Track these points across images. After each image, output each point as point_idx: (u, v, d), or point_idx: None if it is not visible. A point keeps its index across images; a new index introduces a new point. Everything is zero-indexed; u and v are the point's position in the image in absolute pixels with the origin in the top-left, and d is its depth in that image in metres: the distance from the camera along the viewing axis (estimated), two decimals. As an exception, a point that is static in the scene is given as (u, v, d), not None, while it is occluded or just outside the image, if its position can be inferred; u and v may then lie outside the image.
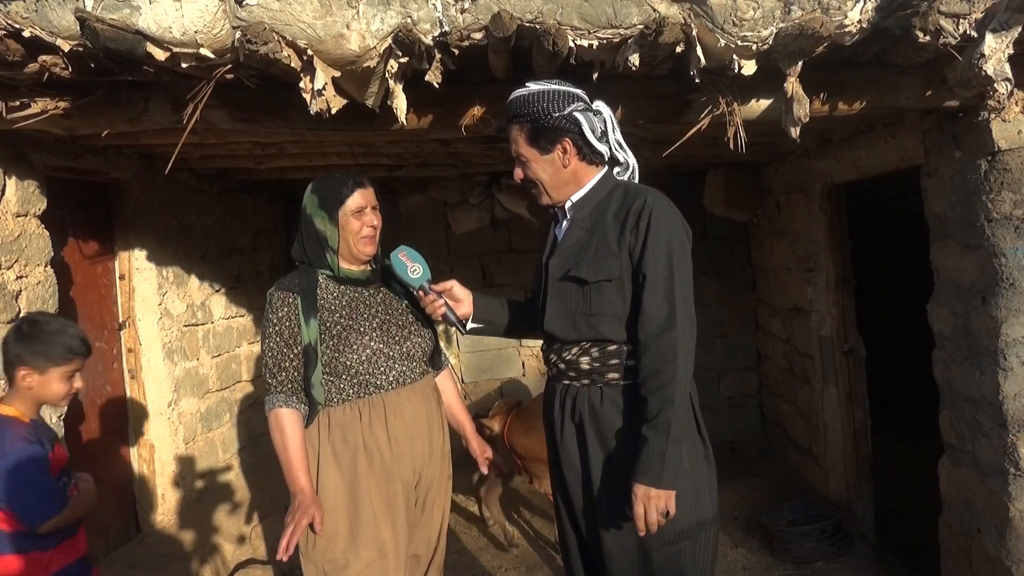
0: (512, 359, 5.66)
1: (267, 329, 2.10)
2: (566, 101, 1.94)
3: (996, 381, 2.58)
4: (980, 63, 2.16)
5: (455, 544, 4.09)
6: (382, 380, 2.12)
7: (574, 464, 1.99)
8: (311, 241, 2.16)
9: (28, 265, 2.93)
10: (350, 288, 2.17)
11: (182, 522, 3.99)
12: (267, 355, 2.10)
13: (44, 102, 2.41)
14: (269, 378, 2.10)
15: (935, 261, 2.95)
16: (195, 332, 4.36)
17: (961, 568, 2.92)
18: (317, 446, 2.07)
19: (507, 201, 5.03)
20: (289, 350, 2.08)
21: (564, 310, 1.98)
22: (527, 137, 1.97)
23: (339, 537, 2.03)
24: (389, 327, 2.17)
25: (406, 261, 2.13)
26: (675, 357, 1.83)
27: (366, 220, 2.16)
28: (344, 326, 2.10)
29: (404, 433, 2.12)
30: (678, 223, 1.92)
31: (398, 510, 2.09)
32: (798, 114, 2.29)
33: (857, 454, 3.99)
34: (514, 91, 1.99)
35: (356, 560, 2.02)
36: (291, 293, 2.09)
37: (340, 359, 2.08)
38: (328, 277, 2.16)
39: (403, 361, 2.16)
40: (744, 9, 2.01)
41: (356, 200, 2.15)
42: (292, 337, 2.07)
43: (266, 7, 1.93)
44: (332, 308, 2.12)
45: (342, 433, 2.07)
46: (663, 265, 1.86)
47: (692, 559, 1.94)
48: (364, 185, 2.19)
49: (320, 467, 2.06)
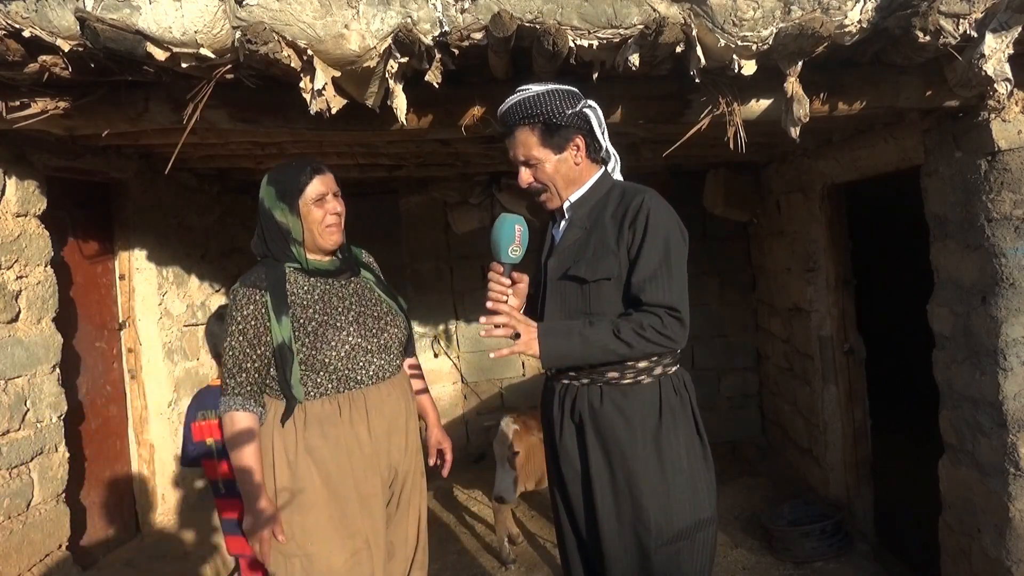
0: (512, 359, 5.66)
1: (230, 327, 2.00)
2: (573, 99, 1.95)
3: (996, 381, 2.58)
4: (980, 63, 2.16)
5: (455, 544, 4.09)
6: (361, 375, 2.06)
7: (573, 463, 1.99)
8: (272, 235, 2.06)
9: (28, 265, 2.93)
10: (320, 280, 2.08)
11: (182, 522, 3.99)
12: (227, 354, 2.01)
13: (44, 102, 2.41)
14: (228, 378, 2.01)
15: (935, 261, 2.95)
16: (195, 332, 4.36)
17: (961, 568, 2.92)
18: (295, 441, 2.00)
19: (507, 201, 5.03)
20: (252, 350, 1.99)
21: (563, 309, 1.98)
22: (540, 137, 1.96)
23: (318, 532, 1.99)
24: (365, 319, 2.10)
25: (515, 236, 1.91)
26: (660, 342, 1.84)
27: (328, 208, 2.05)
28: (320, 322, 2.02)
29: (383, 430, 2.08)
30: (675, 223, 1.93)
31: (377, 503, 2.06)
32: (798, 114, 2.29)
33: (857, 454, 3.99)
34: (511, 97, 1.96)
35: (341, 551, 1.99)
36: (258, 290, 1.99)
37: (318, 356, 2.00)
38: (296, 270, 2.07)
39: (380, 354, 2.10)
40: (744, 9, 2.01)
41: (316, 187, 2.04)
42: (257, 337, 1.99)
43: (266, 7, 1.93)
44: (304, 303, 2.03)
45: (320, 428, 2.01)
46: (659, 253, 1.87)
47: (691, 559, 1.94)
48: (322, 171, 2.08)
49: (297, 462, 2.00)
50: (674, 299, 1.86)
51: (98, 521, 3.59)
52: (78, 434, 3.42)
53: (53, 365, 3.04)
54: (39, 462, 2.95)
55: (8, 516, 2.78)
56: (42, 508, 2.95)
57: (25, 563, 2.84)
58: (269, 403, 2.05)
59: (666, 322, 1.84)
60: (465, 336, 5.62)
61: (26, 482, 2.88)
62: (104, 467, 3.67)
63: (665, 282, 1.86)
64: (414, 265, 5.63)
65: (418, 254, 5.55)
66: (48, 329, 3.03)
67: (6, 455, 2.79)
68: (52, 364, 3.03)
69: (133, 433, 3.91)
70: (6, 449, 2.79)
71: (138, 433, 3.92)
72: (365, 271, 2.23)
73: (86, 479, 3.48)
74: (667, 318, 1.84)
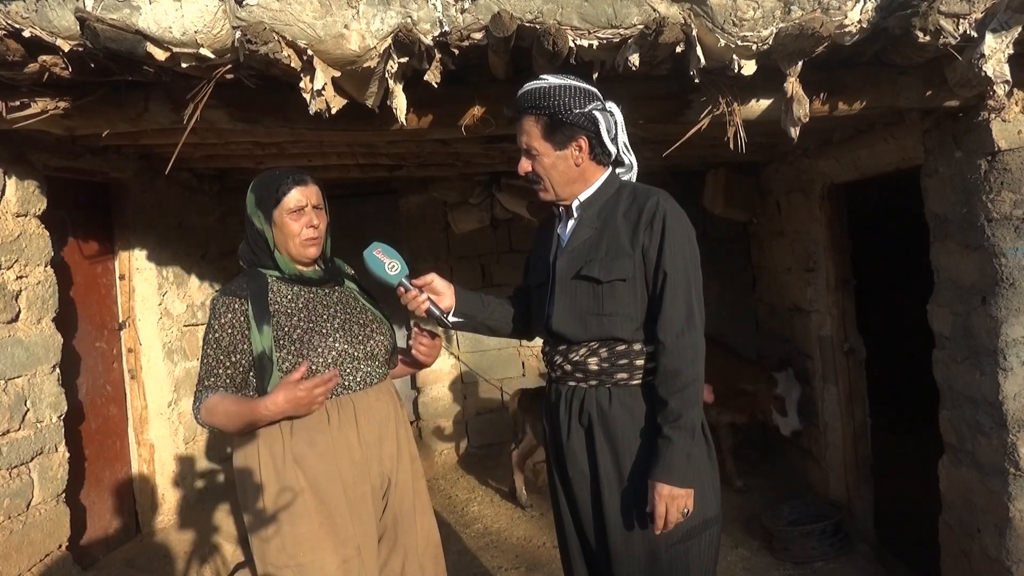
0: (512, 359, 5.66)
1: (206, 335, 1.97)
2: (586, 99, 1.93)
3: (996, 381, 2.58)
4: (980, 63, 2.16)
5: (455, 544, 4.09)
6: (350, 381, 2.03)
7: (581, 465, 1.98)
8: (256, 242, 2.04)
9: (28, 265, 2.93)
10: (304, 289, 2.05)
11: (182, 522, 3.99)
12: (201, 362, 1.99)
13: (44, 102, 2.41)
14: (198, 384, 1.99)
15: (935, 261, 2.95)
16: (195, 332, 4.36)
17: (961, 568, 2.92)
18: (282, 450, 1.96)
19: (507, 201, 5.03)
20: (226, 358, 1.96)
21: (574, 310, 1.96)
22: (543, 130, 1.94)
23: (309, 540, 1.95)
24: (351, 327, 2.06)
25: (382, 258, 2.02)
26: (695, 358, 1.86)
27: (304, 221, 2.00)
28: (305, 329, 1.98)
29: (374, 436, 2.04)
30: (689, 225, 1.94)
31: (366, 509, 2.02)
32: (798, 114, 2.29)
33: (857, 454, 3.99)
34: (529, 82, 1.96)
35: (333, 558, 1.96)
36: (238, 299, 1.96)
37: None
38: (278, 279, 2.04)
39: (367, 361, 2.07)
40: (744, 9, 2.01)
41: (294, 198, 1.99)
42: (233, 346, 1.96)
43: (266, 7, 1.93)
44: (288, 312, 2.00)
45: (308, 435, 1.96)
46: (681, 266, 1.87)
47: (698, 557, 1.94)
48: (304, 182, 2.02)
49: (284, 471, 1.96)
50: (693, 310, 1.88)
51: (98, 521, 3.59)
52: (78, 434, 3.42)
53: (53, 365, 3.04)
54: (39, 462, 2.95)
55: (8, 516, 2.78)
56: (42, 508, 2.95)
57: (25, 563, 2.84)
58: None
59: (685, 356, 1.86)
60: (465, 336, 5.61)
61: (26, 482, 2.88)
62: (104, 467, 3.67)
63: (682, 295, 1.87)
64: (414, 265, 5.63)
65: (418, 254, 5.55)
66: (48, 329, 3.03)
67: (6, 455, 2.79)
68: (52, 364, 3.04)
69: (133, 433, 3.91)
70: (6, 449, 2.79)
71: (138, 433, 3.92)
72: (349, 281, 2.20)
73: (86, 479, 3.49)
74: (682, 346, 1.86)
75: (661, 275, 1.87)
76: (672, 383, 1.85)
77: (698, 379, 1.86)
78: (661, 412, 1.86)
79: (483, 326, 2.23)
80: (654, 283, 1.89)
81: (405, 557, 2.14)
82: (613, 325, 1.92)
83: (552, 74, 1.98)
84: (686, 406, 1.84)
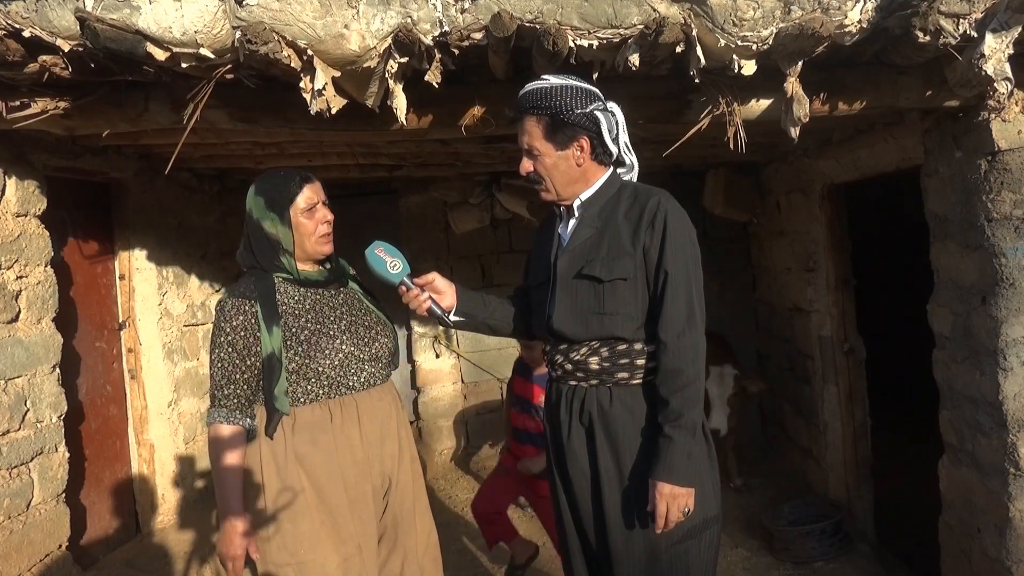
0: (512, 359, 5.63)
1: (217, 339, 1.97)
2: (588, 99, 1.93)
3: (996, 381, 2.58)
4: (980, 63, 2.16)
5: (455, 544, 4.09)
6: (353, 381, 2.04)
7: (582, 466, 1.98)
8: (261, 246, 2.03)
9: (28, 265, 2.94)
10: (311, 291, 2.07)
11: (182, 522, 4.00)
12: (214, 366, 1.97)
13: (44, 102, 2.41)
14: (215, 390, 1.97)
15: (935, 261, 2.95)
16: (195, 332, 4.36)
17: (961, 568, 2.92)
18: (284, 448, 1.97)
19: (507, 201, 5.04)
20: (242, 361, 1.96)
21: (575, 309, 1.96)
22: (544, 131, 1.94)
23: (310, 539, 1.97)
24: (357, 328, 2.08)
25: (384, 257, 2.03)
26: (696, 358, 1.86)
27: (319, 217, 2.04)
28: (312, 331, 2.00)
29: (376, 435, 2.06)
30: (690, 225, 1.94)
31: (367, 507, 2.03)
32: (798, 114, 2.29)
33: (857, 454, 3.99)
34: (531, 82, 1.96)
35: (333, 556, 1.97)
36: (247, 300, 1.97)
37: (311, 365, 1.98)
38: (285, 280, 2.04)
39: (371, 363, 2.09)
40: (744, 9, 2.01)
41: (307, 196, 2.02)
42: (247, 348, 1.96)
43: (266, 7, 1.93)
44: (296, 313, 2.01)
45: (310, 434, 1.98)
46: (682, 266, 1.88)
47: (698, 556, 1.94)
48: (311, 180, 2.06)
49: (286, 469, 1.97)
50: (694, 310, 1.88)
51: (98, 521, 3.59)
52: (78, 434, 3.43)
53: (53, 365, 3.04)
54: (39, 462, 2.95)
55: (8, 516, 2.78)
56: (42, 508, 2.95)
57: (25, 563, 2.84)
58: (259, 412, 2.02)
59: (686, 355, 1.86)
60: (465, 336, 5.61)
61: (26, 482, 2.88)
62: (104, 467, 3.68)
63: (683, 294, 1.87)
64: (414, 265, 5.61)
65: (418, 254, 5.55)
66: (48, 329, 3.03)
67: (6, 455, 2.79)
68: (52, 364, 3.04)
69: (133, 433, 3.91)
70: (6, 449, 2.79)
71: (138, 433, 3.92)
72: (352, 282, 2.21)
73: (86, 479, 3.49)
74: (683, 346, 1.86)
75: (662, 275, 1.88)
76: (673, 382, 1.85)
77: (699, 378, 1.87)
78: (662, 411, 1.86)
79: (484, 325, 2.23)
80: (655, 283, 1.90)
81: (405, 558, 2.14)
82: (614, 324, 1.92)
83: (553, 74, 1.98)
84: (687, 405, 1.84)
